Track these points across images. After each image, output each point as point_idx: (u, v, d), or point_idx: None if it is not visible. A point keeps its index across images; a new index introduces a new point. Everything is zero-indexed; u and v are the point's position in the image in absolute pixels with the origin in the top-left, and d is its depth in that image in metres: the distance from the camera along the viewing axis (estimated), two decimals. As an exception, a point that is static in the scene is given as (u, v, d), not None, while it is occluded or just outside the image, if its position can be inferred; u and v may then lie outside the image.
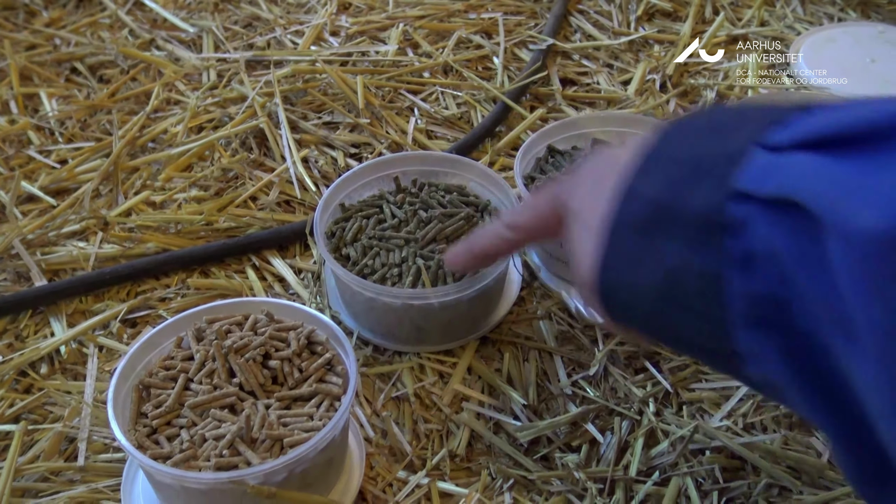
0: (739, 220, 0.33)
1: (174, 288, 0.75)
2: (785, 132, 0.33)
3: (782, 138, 0.33)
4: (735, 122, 0.37)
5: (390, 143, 0.87)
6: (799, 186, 0.31)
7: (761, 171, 0.33)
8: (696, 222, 0.35)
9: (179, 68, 1.00)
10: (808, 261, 0.31)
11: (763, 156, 0.33)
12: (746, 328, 0.34)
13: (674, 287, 0.36)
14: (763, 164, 0.33)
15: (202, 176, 0.84)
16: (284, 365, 0.60)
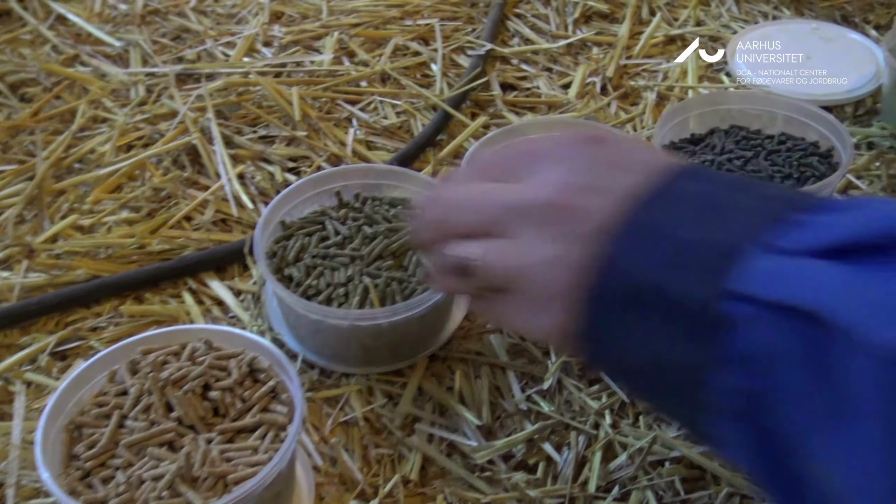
0: (733, 318, 0.32)
1: (106, 316, 0.71)
2: (794, 236, 0.33)
3: (787, 242, 0.32)
4: (733, 205, 0.35)
5: (329, 156, 0.84)
6: (816, 297, 0.30)
7: (766, 275, 0.32)
8: (683, 311, 0.34)
9: (106, 84, 0.96)
10: (819, 371, 0.30)
11: (766, 258, 0.32)
12: (728, 420, 0.34)
13: (658, 369, 0.36)
14: (768, 268, 0.32)
15: (133, 197, 0.80)
16: (226, 395, 0.57)
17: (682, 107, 0.79)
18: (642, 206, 0.37)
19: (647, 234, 0.36)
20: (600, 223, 0.37)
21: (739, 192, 0.36)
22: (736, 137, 0.77)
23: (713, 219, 0.35)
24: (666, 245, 0.35)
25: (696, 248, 0.34)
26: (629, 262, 0.36)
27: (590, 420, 0.62)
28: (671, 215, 0.36)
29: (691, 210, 0.36)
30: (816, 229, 0.32)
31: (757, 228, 0.33)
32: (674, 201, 0.37)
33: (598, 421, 0.62)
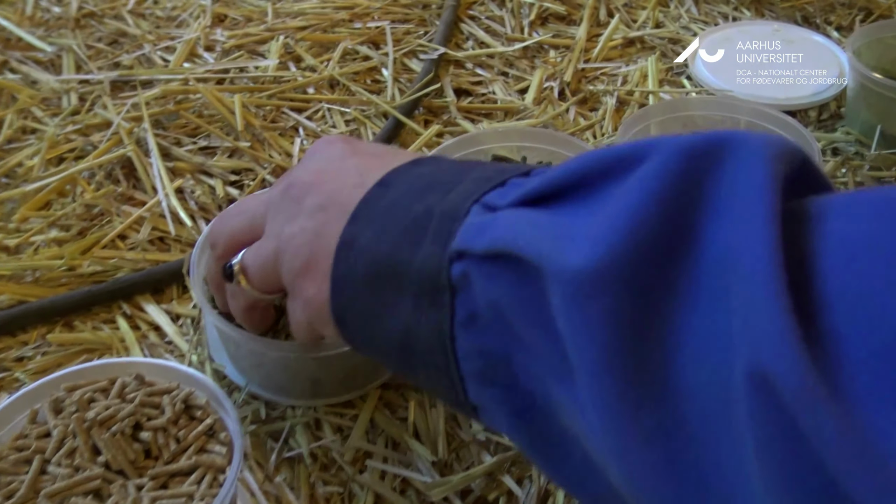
0: (460, 278, 0.34)
1: (32, 345, 0.66)
2: (502, 193, 0.35)
3: (500, 200, 0.34)
4: (456, 179, 0.37)
5: (274, 168, 0.80)
6: (511, 238, 0.32)
7: (476, 228, 0.34)
8: (420, 281, 0.35)
9: (36, 92, 0.91)
10: (529, 311, 0.32)
11: (479, 215, 0.34)
12: (475, 384, 0.35)
13: (410, 343, 0.37)
14: (478, 222, 0.34)
15: (63, 214, 0.75)
16: (158, 436, 0.52)
17: (644, 114, 0.76)
18: (377, 185, 0.39)
19: (382, 210, 0.38)
20: (338, 202, 0.40)
21: (469, 168, 0.38)
22: (699, 145, 0.74)
23: (442, 191, 0.37)
24: (400, 218, 0.37)
25: (426, 217, 0.36)
26: (365, 238, 0.38)
27: (552, 450, 0.58)
28: (405, 192, 0.38)
29: (423, 185, 0.38)
30: (525, 185, 0.34)
31: (477, 193, 0.35)
32: (407, 179, 0.39)
33: (561, 451, 0.58)
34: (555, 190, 0.33)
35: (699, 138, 0.30)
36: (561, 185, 0.32)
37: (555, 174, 0.33)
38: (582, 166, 0.32)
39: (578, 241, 0.29)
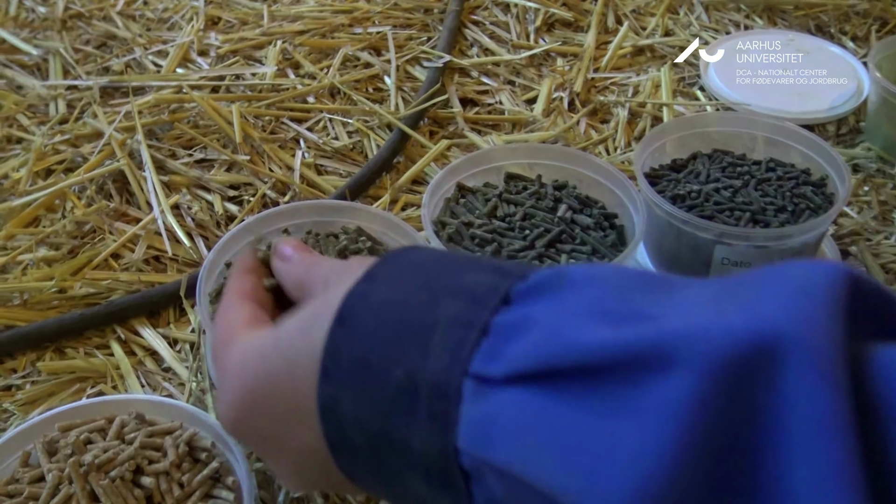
0: (472, 468, 0.30)
1: (21, 373, 0.63)
2: (491, 352, 0.30)
3: (492, 366, 0.30)
4: (426, 316, 0.32)
5: (275, 183, 0.76)
6: (522, 461, 0.28)
7: (479, 426, 0.30)
8: (426, 465, 0.32)
9: (21, 99, 0.86)
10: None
11: (475, 399, 0.30)
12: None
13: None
14: (479, 416, 0.30)
15: (52, 231, 0.71)
16: (161, 481, 0.49)
17: (661, 131, 0.73)
18: (335, 324, 0.34)
19: (353, 366, 0.33)
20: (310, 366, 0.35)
21: (431, 283, 0.34)
22: (721, 163, 0.71)
23: (417, 342, 0.32)
24: (379, 384, 0.32)
25: (410, 389, 0.31)
26: (348, 405, 0.34)
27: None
28: (372, 341, 0.33)
29: (391, 331, 0.33)
30: (515, 344, 0.30)
31: (461, 355, 0.30)
32: (368, 315, 0.34)
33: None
34: (558, 369, 0.28)
35: (738, 341, 0.25)
36: (566, 364, 0.28)
37: (558, 346, 0.28)
38: (592, 349, 0.27)
39: (602, 486, 0.25)
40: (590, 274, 0.31)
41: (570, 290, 0.30)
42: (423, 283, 0.34)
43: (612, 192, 0.67)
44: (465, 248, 0.62)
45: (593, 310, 0.29)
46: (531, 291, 0.31)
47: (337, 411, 0.34)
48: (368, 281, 0.35)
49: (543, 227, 0.63)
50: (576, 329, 0.28)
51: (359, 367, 0.33)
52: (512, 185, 0.68)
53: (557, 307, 0.30)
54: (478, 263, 0.34)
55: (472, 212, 0.65)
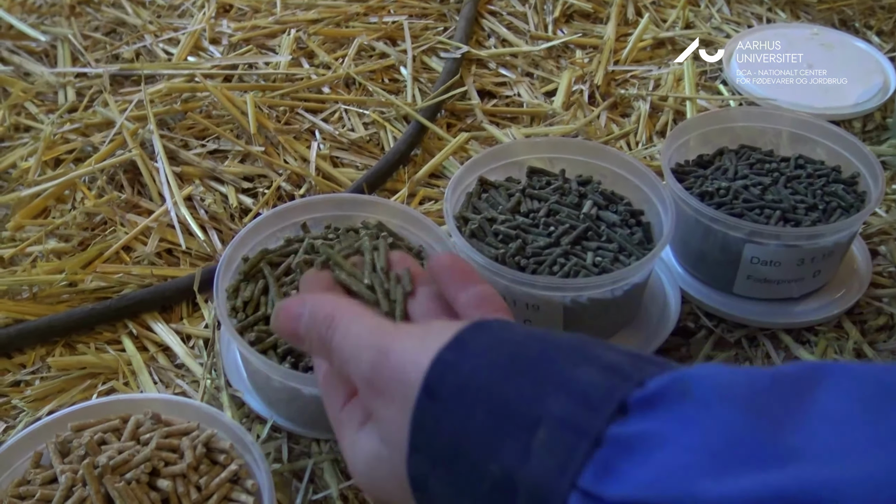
0: None
1: (31, 369, 0.61)
2: (605, 469, 0.27)
3: (603, 487, 0.27)
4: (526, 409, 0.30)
5: (290, 175, 0.74)
6: None
7: None
8: None
9: (30, 86, 0.84)
10: None
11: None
12: None
13: None
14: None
15: (62, 223, 0.69)
16: (178, 484, 0.47)
17: (685, 127, 0.71)
18: (423, 395, 0.33)
19: (444, 447, 0.32)
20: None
21: (529, 372, 0.31)
22: (749, 160, 0.69)
23: (517, 438, 0.30)
24: (474, 477, 0.31)
25: (508, 490, 0.29)
26: (438, 486, 0.32)
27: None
28: (465, 424, 0.31)
29: (486, 413, 0.31)
30: (637, 462, 0.27)
31: (568, 463, 0.28)
32: (459, 389, 0.32)
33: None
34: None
35: None
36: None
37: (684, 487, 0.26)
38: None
39: None
40: (717, 387, 0.28)
41: (696, 409, 0.27)
42: (522, 368, 0.31)
43: (637, 188, 0.65)
44: (488, 243, 0.60)
45: (726, 444, 0.26)
46: (651, 402, 0.28)
47: (428, 488, 0.33)
48: (458, 349, 0.33)
49: (568, 223, 0.61)
50: (707, 472, 0.26)
51: (450, 451, 0.31)
52: (535, 179, 0.66)
53: (684, 433, 0.27)
54: (584, 353, 0.32)
55: (495, 207, 0.63)
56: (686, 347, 0.64)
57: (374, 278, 0.48)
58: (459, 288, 0.43)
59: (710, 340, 0.64)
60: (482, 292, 0.42)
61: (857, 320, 0.66)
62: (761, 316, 0.65)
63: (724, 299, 0.66)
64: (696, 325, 0.66)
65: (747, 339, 0.65)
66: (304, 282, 0.48)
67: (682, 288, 0.66)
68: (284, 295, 0.55)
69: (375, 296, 0.47)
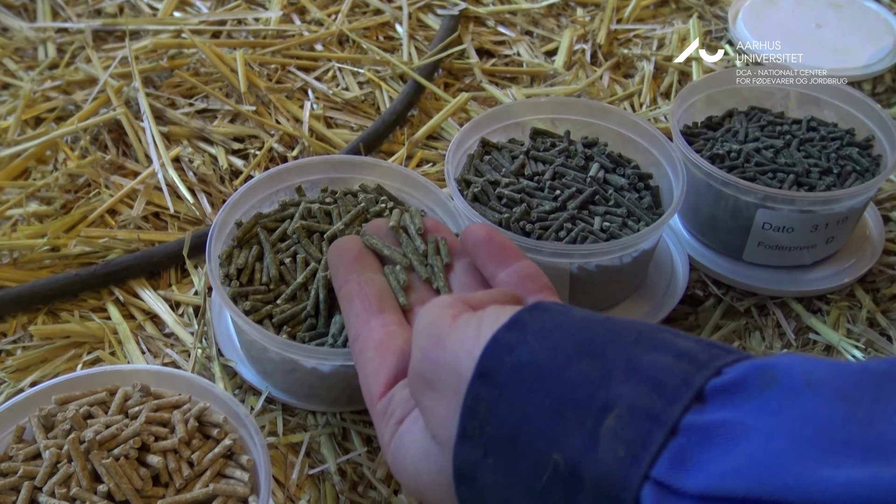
0: None
1: (12, 337, 0.58)
2: (680, 458, 0.25)
3: (679, 479, 0.25)
4: (590, 393, 0.28)
5: (282, 136, 0.71)
6: None
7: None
8: None
9: (8, 41, 0.81)
10: None
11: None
12: None
13: None
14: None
15: (44, 185, 0.66)
16: (169, 459, 0.45)
17: (693, 88, 0.68)
18: (476, 379, 0.30)
19: (498, 435, 0.30)
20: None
21: (601, 365, 0.29)
22: (759, 122, 0.67)
23: (580, 426, 0.27)
24: (531, 466, 0.28)
25: (572, 479, 0.27)
26: (489, 477, 0.30)
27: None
28: (523, 412, 0.29)
29: (544, 399, 0.29)
30: (716, 454, 0.25)
31: (641, 454, 0.26)
32: (516, 377, 0.29)
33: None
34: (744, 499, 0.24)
35: None
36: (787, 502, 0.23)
37: (777, 477, 0.23)
38: (824, 493, 0.23)
39: None
40: (804, 375, 0.26)
41: (783, 397, 0.25)
42: (588, 351, 0.29)
43: (644, 150, 0.63)
44: (492, 207, 0.57)
45: (819, 433, 0.24)
46: (730, 389, 0.26)
47: (476, 479, 0.30)
48: (515, 329, 0.31)
49: (575, 187, 0.59)
50: (801, 460, 0.23)
51: (504, 439, 0.29)
52: (539, 141, 0.64)
53: (771, 421, 0.25)
54: (653, 339, 0.29)
55: (498, 170, 0.61)
56: (694, 316, 0.62)
57: (409, 246, 0.46)
58: (498, 265, 0.40)
59: (719, 309, 0.62)
60: (523, 269, 0.40)
61: (869, 288, 0.64)
62: (772, 284, 0.63)
63: (733, 266, 0.64)
64: (705, 293, 0.64)
65: (757, 307, 0.62)
66: (334, 251, 0.46)
67: (690, 255, 0.64)
68: (280, 262, 0.52)
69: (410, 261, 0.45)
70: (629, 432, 0.26)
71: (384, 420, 0.37)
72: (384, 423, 0.37)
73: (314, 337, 0.49)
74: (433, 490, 0.34)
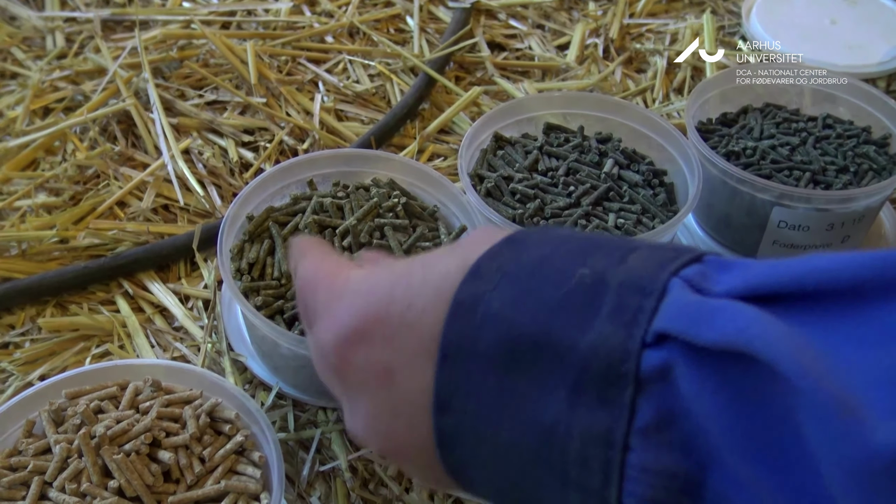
0: (656, 370, 0.25)
1: (20, 330, 0.58)
2: (706, 273, 0.26)
3: (709, 282, 0.25)
4: (618, 244, 0.28)
5: (292, 128, 0.70)
6: (754, 339, 0.23)
7: (693, 311, 0.24)
8: (587, 368, 0.25)
9: (16, 30, 0.80)
10: (762, 438, 0.23)
11: (686, 294, 0.25)
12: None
13: (551, 450, 0.27)
14: (694, 303, 0.24)
15: (52, 176, 0.66)
16: (180, 455, 0.44)
17: (710, 83, 0.68)
18: (503, 242, 0.29)
19: (520, 268, 0.28)
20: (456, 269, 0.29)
21: (627, 239, 0.29)
22: (775, 119, 0.66)
23: (610, 255, 0.27)
24: (553, 283, 0.27)
25: (597, 286, 0.26)
26: (498, 301, 0.27)
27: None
28: (551, 251, 0.28)
29: (575, 246, 0.28)
30: (741, 267, 0.26)
31: (669, 264, 0.26)
32: (544, 239, 0.29)
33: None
34: (798, 289, 0.24)
35: None
36: (808, 285, 0.24)
37: (795, 268, 0.24)
38: (842, 267, 0.23)
39: (875, 402, 0.21)
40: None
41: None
42: (596, 243, 0.29)
43: (659, 146, 0.62)
44: (505, 203, 0.57)
45: None
46: (727, 266, 0.27)
47: (476, 309, 0.28)
48: (513, 241, 0.30)
49: (589, 183, 0.58)
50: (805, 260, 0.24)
51: (528, 266, 0.28)
52: (552, 136, 0.63)
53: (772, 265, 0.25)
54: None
55: (512, 165, 0.60)
56: (707, 314, 0.61)
57: None
58: None
59: (733, 307, 0.61)
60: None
61: (884, 288, 0.63)
62: (786, 282, 0.62)
63: (747, 265, 0.63)
64: (718, 292, 0.63)
65: (771, 306, 0.62)
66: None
67: (704, 252, 0.63)
68: None
69: None
70: (657, 256, 0.26)
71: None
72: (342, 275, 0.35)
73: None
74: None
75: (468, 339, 0.28)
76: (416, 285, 0.30)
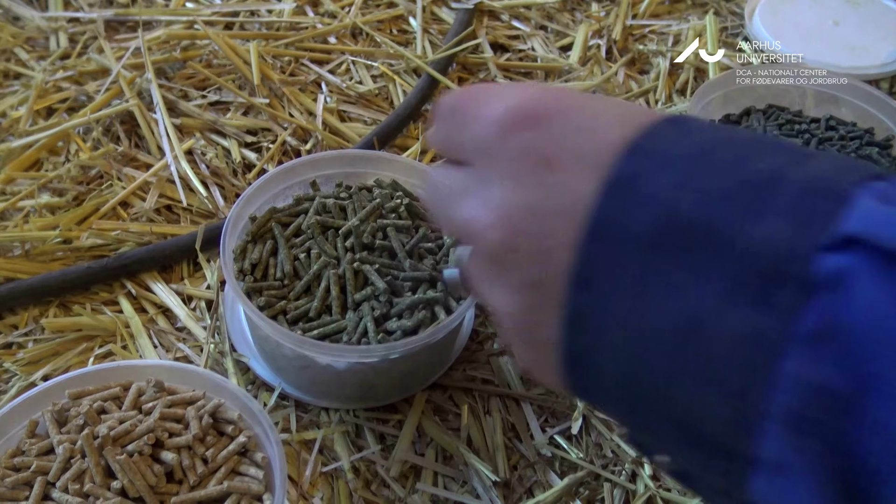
0: (832, 275, 0.23)
1: (23, 330, 0.58)
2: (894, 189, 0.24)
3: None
4: (796, 148, 0.26)
5: (295, 129, 0.70)
6: None
7: (887, 218, 0.23)
8: (752, 263, 0.24)
9: (19, 31, 0.80)
10: None
11: (877, 203, 0.23)
12: (783, 429, 0.23)
13: (697, 340, 0.25)
14: (888, 213, 0.23)
15: (55, 176, 0.66)
16: (183, 456, 0.44)
17: (711, 85, 0.68)
18: (666, 121, 0.28)
19: (686, 151, 0.26)
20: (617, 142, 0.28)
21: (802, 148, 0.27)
22: (777, 120, 0.66)
23: (788, 157, 0.26)
24: (723, 172, 0.25)
25: (773, 182, 0.25)
26: (659, 182, 0.26)
27: (626, 470, 0.52)
28: (722, 140, 0.27)
29: (747, 140, 0.27)
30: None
31: (854, 175, 0.24)
32: (713, 127, 0.28)
33: (635, 471, 0.52)
34: None
35: None
36: None
37: None
38: None
39: None
40: None
41: None
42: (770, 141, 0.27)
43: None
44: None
45: None
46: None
47: (633, 187, 0.26)
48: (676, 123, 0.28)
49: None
50: None
51: (691, 153, 0.26)
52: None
53: None
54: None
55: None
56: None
57: None
58: None
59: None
60: None
61: (887, 290, 0.63)
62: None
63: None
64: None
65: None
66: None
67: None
68: (294, 257, 0.52)
69: None
70: (841, 163, 0.25)
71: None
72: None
73: (328, 333, 0.49)
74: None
75: (621, 218, 0.26)
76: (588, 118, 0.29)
